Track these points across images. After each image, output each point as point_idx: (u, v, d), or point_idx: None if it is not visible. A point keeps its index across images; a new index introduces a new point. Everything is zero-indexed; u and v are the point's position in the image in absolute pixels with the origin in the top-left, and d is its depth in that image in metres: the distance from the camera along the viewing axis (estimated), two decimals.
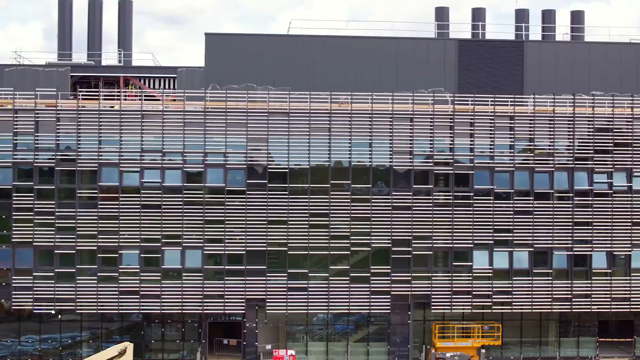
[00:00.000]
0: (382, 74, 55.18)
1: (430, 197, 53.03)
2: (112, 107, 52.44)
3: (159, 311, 52.29)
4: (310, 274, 52.56)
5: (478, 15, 61.14)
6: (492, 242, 53.36)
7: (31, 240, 51.24)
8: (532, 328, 55.70)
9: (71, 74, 55.87)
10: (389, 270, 52.82)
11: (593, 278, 54.00)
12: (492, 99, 53.38)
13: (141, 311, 52.23)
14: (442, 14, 61.73)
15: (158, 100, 53.53)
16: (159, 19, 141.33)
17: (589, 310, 54.14)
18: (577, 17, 63.49)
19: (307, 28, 57.27)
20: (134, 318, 53.86)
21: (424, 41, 56.28)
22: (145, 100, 52.99)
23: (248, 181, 52.19)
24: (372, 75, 55.15)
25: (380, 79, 55.01)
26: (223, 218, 52.07)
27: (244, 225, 52.05)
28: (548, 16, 62.92)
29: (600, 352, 55.84)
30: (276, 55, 55.12)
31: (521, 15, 62.27)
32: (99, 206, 51.58)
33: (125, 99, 54.11)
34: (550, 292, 53.67)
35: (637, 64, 56.96)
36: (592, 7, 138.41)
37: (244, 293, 52.25)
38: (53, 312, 52.19)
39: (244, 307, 52.41)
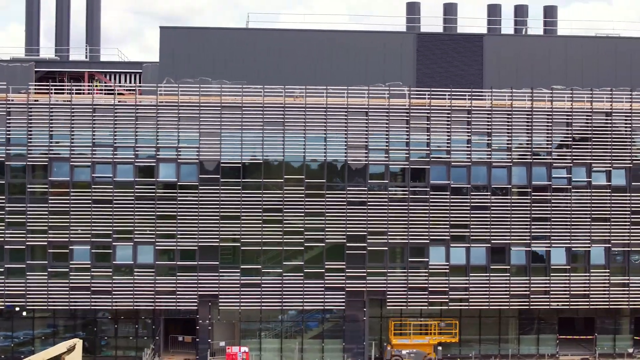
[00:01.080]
0: (340, 68, 54.62)
1: (386, 192, 52.35)
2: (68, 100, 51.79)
3: (110, 307, 51.65)
4: (263, 270, 51.92)
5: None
6: (448, 237, 52.65)
7: None
8: (491, 325, 54.95)
9: (36, 70, 55.31)
10: (344, 266, 52.13)
11: (552, 274, 53.22)
12: (449, 93, 52.69)
13: (92, 307, 51.55)
14: (413, 9, 60.83)
15: (121, 94, 53.03)
16: (158, 18, 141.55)
17: (548, 307, 53.36)
18: (549, 12, 62.77)
19: (266, 22, 56.71)
20: (99, 315, 53.09)
21: (382, 35, 55.68)
22: (98, 94, 52.50)
23: (200, 176, 51.56)
24: (330, 69, 54.63)
25: (338, 73, 54.40)
26: (175, 213, 51.45)
27: (197, 221, 51.40)
28: (520, 11, 61.95)
29: (561, 349, 55.08)
30: (232, 48, 54.63)
31: (493, 11, 61.31)
32: (50, 201, 51.00)
33: (90, 93, 53.44)
34: (508, 289, 52.93)
35: (598, 58, 56.26)
36: (592, 7, 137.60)
37: (196, 289, 51.60)
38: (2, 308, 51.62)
39: (196, 304, 51.74)
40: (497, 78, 55.06)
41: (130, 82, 56.88)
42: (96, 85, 57.14)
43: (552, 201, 53.07)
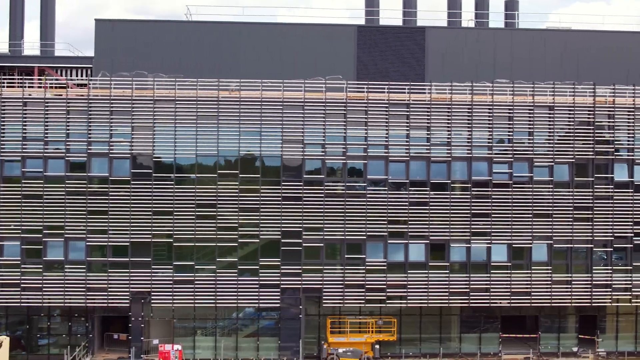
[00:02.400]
0: (279, 62, 53.67)
1: (322, 187, 51.38)
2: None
3: (40, 304, 50.80)
4: (197, 267, 50.99)
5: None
6: (386, 234, 51.65)
7: None
8: (432, 323, 53.92)
9: None
10: (279, 263, 51.17)
11: (492, 272, 52.17)
12: (387, 87, 51.69)
13: (22, 304, 50.69)
14: (372, 2, 59.69)
15: (64, 87, 52.21)
16: (159, 17, 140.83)
17: (488, 305, 52.29)
18: (510, 6, 61.78)
19: (205, 14, 55.81)
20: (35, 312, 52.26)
21: (322, 27, 54.68)
22: (29, 87, 51.70)
23: (133, 171, 50.67)
24: (268, 63, 53.68)
25: (276, 66, 53.42)
26: (107, 209, 50.58)
27: (129, 216, 50.52)
28: (481, 4, 60.84)
29: (505, 348, 54.01)
30: (168, 41, 53.75)
31: (453, 3, 60.18)
32: None
33: (23, 87, 52.62)
34: (448, 286, 51.90)
35: (543, 50, 55.18)
36: (592, 7, 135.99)
37: (128, 286, 50.71)
38: None
39: (128, 301, 50.85)
40: (439, 71, 54.06)
41: (81, 77, 56.02)
42: (45, 80, 56.30)
43: (493, 197, 52.02)
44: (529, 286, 52.25)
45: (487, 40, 55.02)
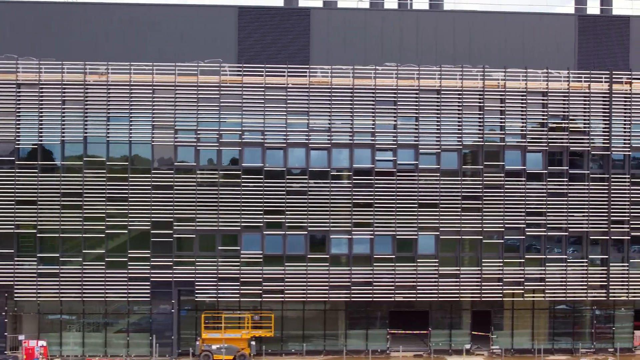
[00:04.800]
0: (155, 44, 50.83)
1: (195, 176, 48.89)
2: None
3: None
4: (62, 259, 48.59)
5: None
6: (262, 224, 49.14)
7: None
8: (317, 319, 51.38)
9: None
10: (149, 255, 48.71)
11: (375, 264, 49.58)
12: (265, 70, 49.17)
13: None
14: None
15: None
16: None
17: (371, 299, 49.71)
18: None
19: None
20: None
21: (203, 8, 52.00)
22: None
23: None
24: (144, 45, 50.75)
25: (153, 49, 50.64)
26: None
27: None
28: None
29: (394, 345, 51.43)
30: (32, 23, 50.79)
31: None
32: None
33: None
34: (328, 280, 49.34)
35: (436, 32, 52.37)
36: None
37: None
38: None
39: None
40: (325, 54, 51.39)
41: None
42: None
43: (376, 186, 49.43)
44: (415, 280, 49.62)
45: (375, 22, 52.21)
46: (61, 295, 48.57)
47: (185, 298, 49.71)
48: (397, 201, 49.53)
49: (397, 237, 49.62)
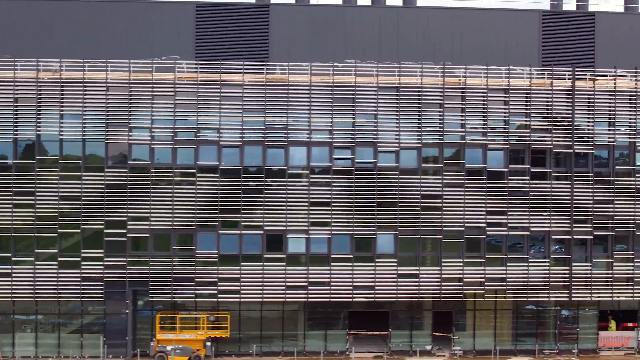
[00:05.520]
0: (110, 41, 50.11)
1: (149, 175, 48.14)
2: None
3: None
4: (15, 259, 47.87)
5: None
6: (218, 224, 48.39)
7: None
8: (275, 320, 50.63)
9: None
10: (102, 255, 47.98)
11: (333, 264, 48.79)
12: (221, 67, 48.40)
13: None
14: None
15: None
16: None
17: (328, 299, 48.91)
18: None
19: None
20: None
21: (161, 5, 51.20)
22: None
23: None
24: (109, 43, 49.89)
25: (108, 46, 49.91)
26: None
27: None
28: None
29: (355, 346, 50.65)
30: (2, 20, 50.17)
31: None
32: None
33: None
34: (284, 280, 48.57)
35: (396, 29, 51.57)
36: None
37: None
38: None
39: None
40: (284, 51, 50.61)
41: None
42: None
43: (333, 184, 48.65)
44: (373, 280, 48.84)
45: (336, 19, 51.42)
46: (13, 295, 47.85)
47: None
48: (355, 200, 48.76)
49: (355, 236, 48.84)
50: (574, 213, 49.68)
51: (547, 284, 49.68)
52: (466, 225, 49.22)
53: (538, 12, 52.16)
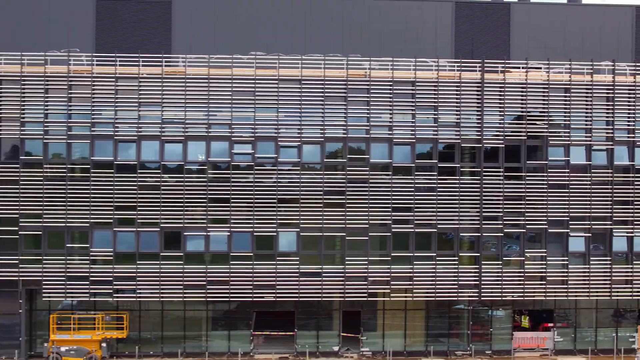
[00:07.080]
0: (19, 33, 48.63)
1: (42, 170, 46.72)
2: None
3: None
4: None
5: None
6: (113, 221, 46.92)
7: None
8: (177, 320, 49.17)
9: None
10: None
11: (232, 262, 47.29)
12: (118, 60, 46.92)
13: None
14: None
15: None
16: None
17: (228, 299, 47.46)
18: None
19: None
20: None
21: None
22: None
23: None
24: (1, 35, 48.61)
25: (15, 37, 48.44)
26: None
27: None
28: None
29: (261, 347, 49.23)
30: None
31: None
32: None
33: None
34: (182, 279, 47.08)
35: (303, 18, 50.09)
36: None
37: None
38: None
39: None
40: (187, 44, 49.14)
41: None
42: None
43: (233, 180, 47.17)
44: (275, 279, 47.33)
45: (242, 10, 49.96)
46: None
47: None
48: (256, 196, 47.26)
49: (256, 233, 47.33)
50: (484, 210, 48.09)
51: (456, 282, 48.09)
52: (371, 222, 47.63)
53: (451, 2, 50.61)
